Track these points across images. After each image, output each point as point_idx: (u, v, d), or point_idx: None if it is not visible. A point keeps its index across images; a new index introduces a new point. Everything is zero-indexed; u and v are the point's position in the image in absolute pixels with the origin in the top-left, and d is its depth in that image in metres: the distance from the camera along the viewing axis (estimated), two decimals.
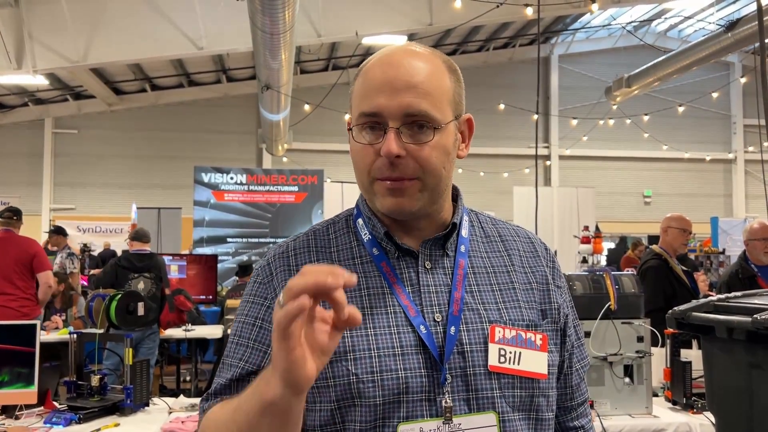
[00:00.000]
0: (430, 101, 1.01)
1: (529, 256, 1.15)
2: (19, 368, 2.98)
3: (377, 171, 1.03)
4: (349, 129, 1.10)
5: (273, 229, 10.96)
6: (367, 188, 1.06)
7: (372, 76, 1.04)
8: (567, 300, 1.17)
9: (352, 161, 1.08)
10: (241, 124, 17.53)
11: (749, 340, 1.84)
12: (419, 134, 1.01)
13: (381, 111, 1.01)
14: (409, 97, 1.00)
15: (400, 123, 1.01)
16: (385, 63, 1.04)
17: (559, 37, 18.67)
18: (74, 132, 17.02)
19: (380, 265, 1.06)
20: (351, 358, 0.99)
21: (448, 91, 1.05)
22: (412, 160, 1.01)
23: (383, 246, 1.08)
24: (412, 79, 1.01)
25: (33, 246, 5.74)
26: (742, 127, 19.38)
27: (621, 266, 9.49)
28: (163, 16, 10.62)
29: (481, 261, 1.11)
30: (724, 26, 10.91)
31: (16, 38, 10.60)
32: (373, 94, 1.02)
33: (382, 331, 1.01)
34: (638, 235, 14.54)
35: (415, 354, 1.00)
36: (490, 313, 1.05)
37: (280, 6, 7.69)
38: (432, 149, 1.02)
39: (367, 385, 0.98)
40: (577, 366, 1.18)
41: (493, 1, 9.55)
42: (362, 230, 1.10)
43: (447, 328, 1.01)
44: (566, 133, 18.24)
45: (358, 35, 11.10)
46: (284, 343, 0.77)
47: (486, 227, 1.17)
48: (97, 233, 15.23)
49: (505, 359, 1.03)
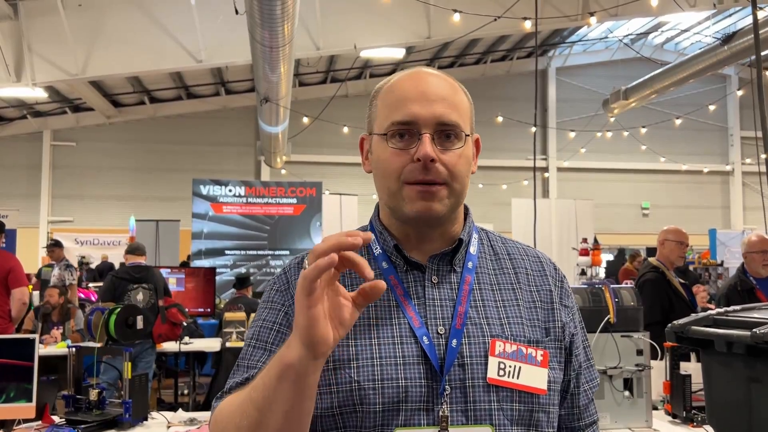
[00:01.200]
0: (458, 114, 1.09)
1: (535, 274, 1.17)
2: (17, 382, 2.97)
3: (409, 174, 1.06)
4: (362, 140, 1.17)
5: (271, 241, 10.95)
6: (395, 193, 1.09)
7: (404, 89, 1.10)
8: (576, 320, 1.19)
9: (378, 169, 1.11)
10: (240, 137, 17.56)
11: (748, 354, 1.84)
12: (448, 143, 1.08)
13: (415, 119, 1.06)
14: (441, 108, 1.07)
15: (433, 131, 1.06)
16: (414, 78, 1.11)
17: (556, 50, 18.77)
18: (73, 144, 17.04)
19: (388, 279, 1.09)
20: (354, 366, 1.02)
21: (468, 108, 1.13)
22: (442, 166, 1.06)
23: (392, 260, 1.12)
24: (444, 93, 1.09)
25: (9, 261, 5.37)
26: (739, 139, 19.46)
27: (619, 278, 9.49)
28: (163, 30, 10.68)
29: (487, 278, 1.14)
30: (721, 39, 10.98)
31: (15, 51, 10.64)
32: (406, 104, 1.08)
33: (386, 341, 1.04)
34: (636, 247, 14.54)
35: (416, 364, 1.03)
36: (493, 328, 1.08)
37: (279, 20, 7.74)
38: (459, 157, 1.08)
39: (368, 392, 1.01)
40: (585, 387, 1.19)
41: (491, 15, 9.61)
42: (374, 245, 1.14)
43: (449, 340, 1.04)
44: (564, 145, 18.30)
45: (356, 48, 11.15)
46: (307, 299, 0.86)
47: (495, 246, 1.20)
48: (95, 246, 15.21)
49: (505, 373, 1.05)
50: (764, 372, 1.83)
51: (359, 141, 1.18)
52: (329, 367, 1.02)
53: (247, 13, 7.98)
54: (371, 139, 1.14)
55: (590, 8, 10.56)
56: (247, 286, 7.93)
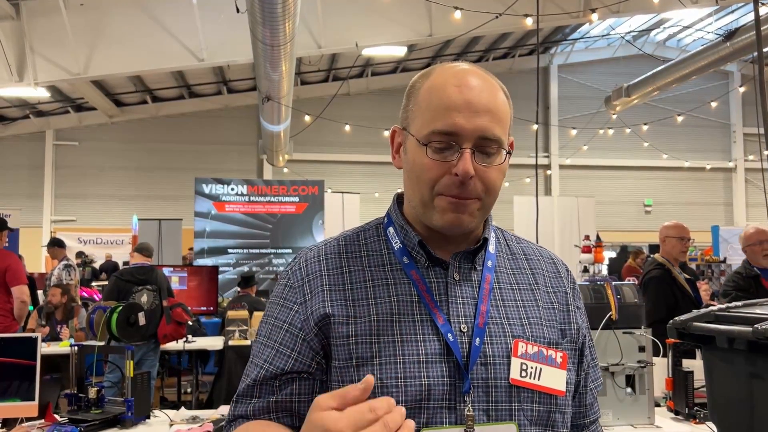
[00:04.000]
0: (501, 127, 1.06)
1: (551, 276, 1.19)
2: (20, 381, 2.97)
3: (444, 188, 1.04)
4: (394, 132, 1.14)
5: (274, 239, 10.96)
6: (426, 202, 1.07)
7: (448, 95, 1.05)
8: (585, 321, 1.21)
9: (413, 172, 1.08)
10: (242, 135, 17.57)
11: (750, 350, 1.83)
12: (488, 158, 1.05)
13: (458, 131, 1.03)
14: (485, 121, 1.04)
15: (473, 144, 1.03)
16: (462, 83, 1.05)
17: (558, 47, 18.73)
18: (75, 144, 17.05)
19: (410, 274, 1.09)
20: (377, 363, 1.02)
21: (508, 115, 1.10)
22: (479, 182, 1.04)
23: (413, 255, 1.11)
24: (489, 104, 1.05)
25: (6, 258, 5.33)
26: (741, 135, 19.41)
27: (622, 275, 9.49)
28: (164, 29, 10.68)
29: (506, 277, 1.14)
30: (723, 36, 10.95)
31: (17, 51, 10.65)
32: (449, 113, 1.03)
33: (409, 338, 1.03)
34: (639, 244, 14.51)
35: (439, 362, 1.02)
36: (514, 328, 1.08)
37: (280, 18, 7.73)
38: (497, 172, 1.06)
39: (391, 390, 1.00)
40: (592, 386, 1.21)
41: (493, 12, 9.59)
42: (393, 239, 1.13)
43: (472, 339, 1.04)
44: (566, 142, 18.27)
45: (358, 46, 11.14)
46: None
47: (512, 245, 1.21)
48: (97, 245, 15.22)
49: (526, 374, 1.05)
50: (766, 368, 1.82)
51: (390, 132, 1.15)
52: (352, 365, 1.02)
53: (248, 11, 7.98)
54: (406, 137, 1.10)
55: (592, 5, 10.53)
56: (252, 285, 7.94)
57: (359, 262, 1.11)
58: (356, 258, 1.12)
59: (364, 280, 1.09)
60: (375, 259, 1.12)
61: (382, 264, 1.11)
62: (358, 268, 1.10)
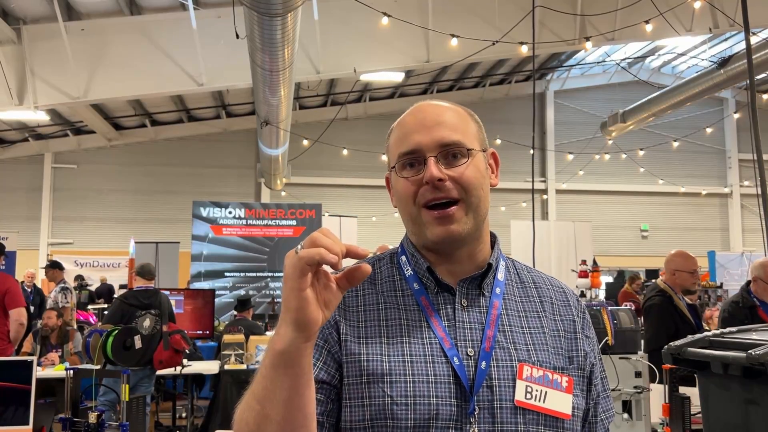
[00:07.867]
0: (460, 133, 1.14)
1: (560, 305, 1.21)
2: (14, 405, 2.95)
3: (422, 197, 1.11)
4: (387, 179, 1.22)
5: (271, 263, 10.94)
6: (415, 219, 1.14)
7: (405, 123, 1.17)
8: (596, 351, 1.23)
9: (398, 199, 1.17)
10: (240, 159, 17.63)
11: (745, 376, 1.84)
12: (454, 161, 1.12)
13: (419, 147, 1.12)
14: (441, 131, 1.12)
15: (437, 153, 1.11)
16: (416, 111, 1.18)
17: (554, 73, 18.92)
18: (74, 167, 17.09)
19: (419, 299, 1.14)
20: (387, 381, 1.06)
21: (473, 131, 1.18)
22: (452, 183, 1.11)
23: (423, 281, 1.16)
24: (440, 117, 1.14)
25: (6, 282, 5.41)
26: (737, 161, 19.54)
27: (619, 300, 9.47)
28: (164, 54, 10.78)
29: (514, 304, 1.17)
30: (717, 63, 11.09)
31: (18, 74, 10.74)
32: (409, 136, 1.14)
33: (418, 359, 1.07)
34: (636, 269, 14.53)
35: (446, 383, 1.06)
36: (520, 353, 1.11)
37: (279, 44, 7.82)
38: (473, 170, 1.13)
39: (401, 407, 1.04)
40: (603, 416, 1.22)
41: (489, 39, 9.71)
42: (405, 266, 1.19)
43: (478, 362, 1.08)
44: (562, 167, 18.36)
45: (356, 72, 11.25)
46: (300, 281, 0.87)
47: (522, 274, 1.24)
48: (94, 267, 15.18)
49: (532, 396, 1.08)
50: (761, 394, 1.83)
51: (385, 180, 1.23)
52: (363, 381, 1.06)
53: (247, 37, 8.07)
54: (390, 175, 1.20)
55: (587, 33, 10.67)
56: (248, 308, 7.90)
57: (372, 288, 1.17)
58: (370, 284, 1.17)
59: (377, 302, 1.14)
60: (387, 285, 1.17)
61: (394, 290, 1.16)
62: (371, 292, 1.16)
